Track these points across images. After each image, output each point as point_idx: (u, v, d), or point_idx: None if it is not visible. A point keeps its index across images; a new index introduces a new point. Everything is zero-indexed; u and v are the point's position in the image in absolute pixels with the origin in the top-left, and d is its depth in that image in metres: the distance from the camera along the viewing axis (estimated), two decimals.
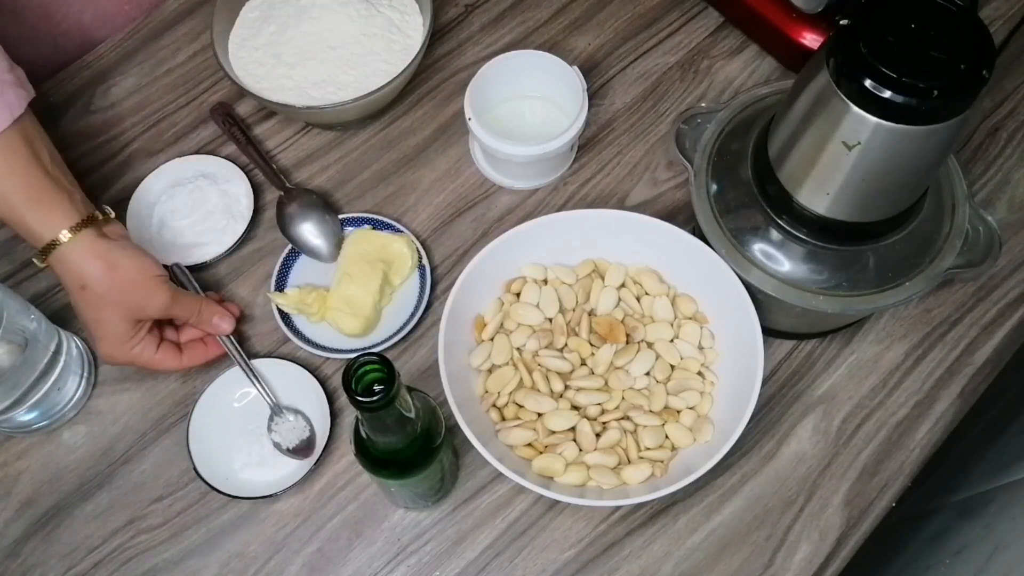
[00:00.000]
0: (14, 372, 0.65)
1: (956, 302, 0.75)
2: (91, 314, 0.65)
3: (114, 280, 0.64)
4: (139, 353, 0.67)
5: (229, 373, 0.71)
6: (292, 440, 0.69)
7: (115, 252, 0.65)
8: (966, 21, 0.53)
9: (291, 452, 0.69)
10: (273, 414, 0.70)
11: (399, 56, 0.80)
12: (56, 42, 0.87)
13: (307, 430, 0.70)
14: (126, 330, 0.66)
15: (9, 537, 0.68)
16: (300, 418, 0.70)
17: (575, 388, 0.67)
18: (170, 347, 0.69)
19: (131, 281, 0.64)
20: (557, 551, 0.67)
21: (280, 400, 0.70)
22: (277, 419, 0.70)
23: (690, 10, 0.89)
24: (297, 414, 0.70)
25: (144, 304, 0.65)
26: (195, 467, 0.67)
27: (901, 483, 0.69)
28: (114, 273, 0.64)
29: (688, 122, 0.70)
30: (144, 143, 0.83)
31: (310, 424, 0.70)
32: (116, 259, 0.64)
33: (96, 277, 0.64)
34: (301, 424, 0.70)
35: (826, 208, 0.60)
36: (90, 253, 0.64)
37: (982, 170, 0.80)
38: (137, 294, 0.65)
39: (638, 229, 0.70)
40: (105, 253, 0.64)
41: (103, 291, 0.64)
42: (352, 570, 0.67)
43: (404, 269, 0.75)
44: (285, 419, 0.70)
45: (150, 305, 0.66)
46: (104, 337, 0.66)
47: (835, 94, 0.54)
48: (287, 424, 0.70)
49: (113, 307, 0.64)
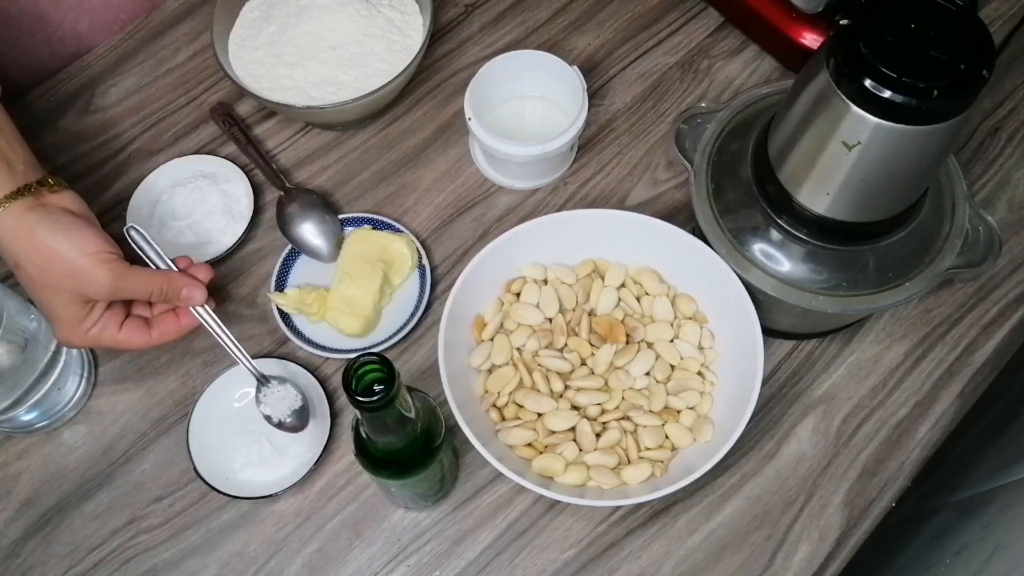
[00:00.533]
0: (14, 372, 0.65)
1: (956, 302, 0.75)
2: (34, 295, 0.59)
3: (44, 261, 0.57)
4: (97, 335, 0.60)
5: (229, 373, 0.71)
6: (284, 411, 0.67)
7: (43, 228, 0.57)
8: (966, 21, 0.53)
9: (284, 426, 0.67)
10: (260, 384, 0.67)
11: (399, 56, 0.80)
12: (51, 48, 0.87)
13: (299, 399, 0.67)
14: (76, 312, 0.59)
15: (9, 537, 0.68)
16: (290, 387, 0.68)
17: (575, 388, 0.67)
18: (137, 323, 0.63)
19: (63, 260, 0.57)
20: (557, 551, 0.67)
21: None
22: (264, 390, 0.67)
23: (690, 10, 0.89)
24: (286, 383, 0.68)
25: (83, 287, 0.58)
26: (195, 467, 0.67)
27: (901, 483, 0.69)
28: (43, 252, 0.57)
29: (688, 122, 0.70)
30: (144, 143, 0.83)
31: (301, 393, 0.68)
32: (43, 236, 0.57)
33: (25, 257, 0.57)
34: (292, 393, 0.67)
35: (826, 208, 0.60)
36: (17, 228, 0.57)
37: (982, 170, 0.80)
38: (73, 276, 0.58)
39: (638, 229, 0.70)
40: (32, 229, 0.57)
41: (36, 273, 0.57)
42: (352, 570, 0.67)
43: (404, 269, 0.75)
44: (273, 389, 0.67)
45: (90, 288, 0.58)
46: (54, 320, 0.60)
47: (835, 94, 0.54)
48: (276, 394, 0.67)
49: (52, 290, 0.58)
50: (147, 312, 0.65)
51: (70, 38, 0.87)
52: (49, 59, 0.87)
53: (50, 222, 0.58)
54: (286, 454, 0.69)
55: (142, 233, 0.65)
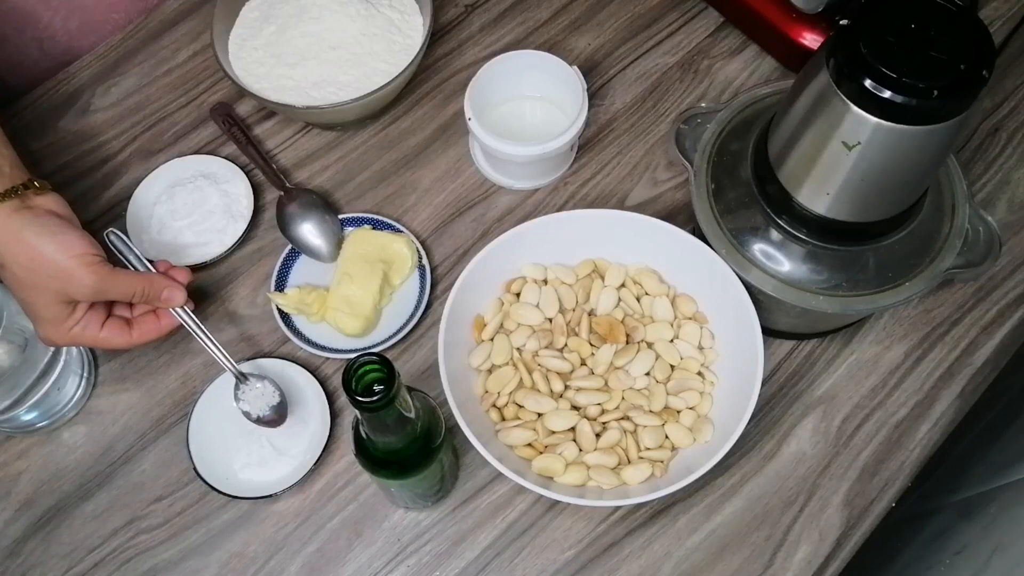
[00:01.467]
0: (14, 372, 0.65)
1: (956, 302, 0.75)
2: (18, 295, 0.60)
3: (30, 262, 0.58)
4: (79, 334, 0.62)
5: (229, 374, 0.70)
6: (262, 407, 0.68)
7: (30, 230, 0.58)
8: (966, 21, 0.53)
9: (262, 421, 0.67)
10: (238, 382, 0.68)
11: (399, 56, 0.80)
12: (42, 46, 0.87)
13: (276, 395, 0.68)
14: (59, 312, 0.60)
15: (9, 537, 0.68)
16: (268, 383, 0.68)
17: (575, 388, 0.67)
18: (118, 323, 0.64)
19: (49, 262, 0.58)
20: (557, 551, 0.67)
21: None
22: (243, 387, 0.68)
23: (690, 10, 0.89)
24: (264, 379, 0.68)
25: (67, 288, 0.59)
26: (195, 467, 0.67)
27: (901, 483, 0.69)
28: (29, 253, 0.58)
29: (688, 122, 0.70)
30: (144, 143, 0.83)
31: (278, 389, 0.68)
32: (30, 238, 0.58)
33: (11, 258, 0.58)
34: (269, 390, 0.68)
35: (826, 208, 0.60)
36: (3, 229, 0.58)
37: (982, 170, 0.80)
38: (58, 278, 0.59)
39: (638, 229, 0.70)
40: (18, 231, 0.58)
41: (21, 273, 0.59)
42: (352, 570, 0.67)
43: (404, 269, 0.75)
44: (251, 386, 0.68)
45: (74, 289, 0.60)
46: (37, 319, 0.61)
47: (835, 94, 0.54)
48: (254, 391, 0.68)
49: (37, 290, 0.59)
50: (127, 313, 0.66)
51: (61, 36, 0.87)
52: (40, 57, 0.87)
53: (36, 224, 0.59)
54: (286, 454, 0.69)
55: (122, 237, 0.67)
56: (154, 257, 0.74)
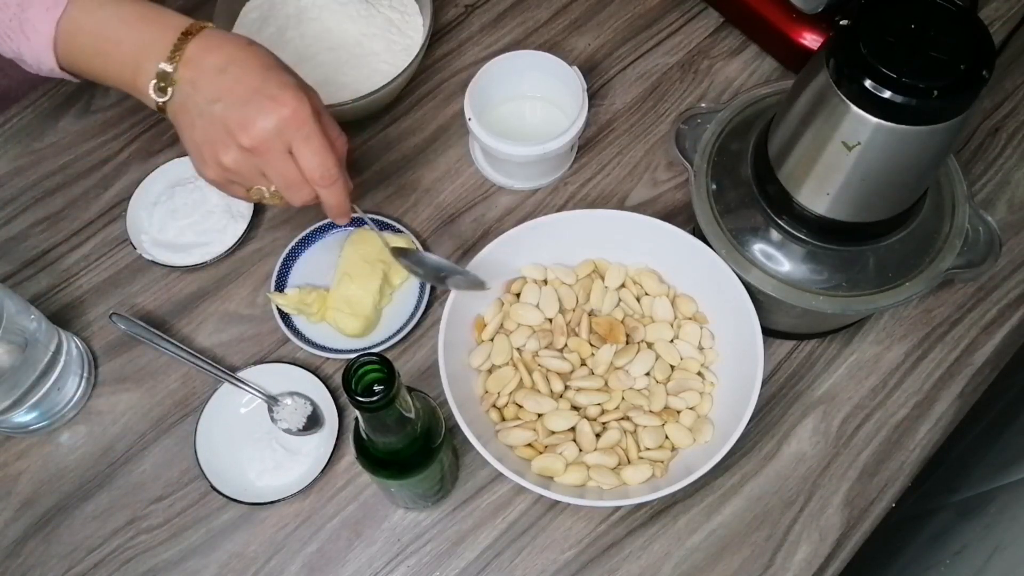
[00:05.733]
0: (14, 372, 0.65)
1: (956, 302, 0.75)
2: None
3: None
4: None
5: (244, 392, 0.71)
6: (299, 420, 0.70)
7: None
8: (966, 21, 0.53)
9: (303, 432, 0.70)
10: (271, 407, 0.70)
11: (399, 56, 0.80)
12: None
13: (308, 405, 0.70)
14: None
15: (9, 537, 0.68)
16: (297, 398, 0.71)
17: (575, 388, 0.67)
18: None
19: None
20: (557, 551, 0.67)
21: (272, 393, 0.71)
22: (276, 408, 0.70)
23: (690, 10, 0.89)
24: (293, 395, 0.71)
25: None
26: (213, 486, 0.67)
27: (901, 483, 0.69)
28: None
29: (688, 122, 0.70)
30: (144, 143, 0.83)
31: (308, 398, 0.71)
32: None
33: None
34: (301, 403, 0.70)
35: (826, 208, 0.60)
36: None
37: (982, 170, 0.80)
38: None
39: (638, 229, 0.70)
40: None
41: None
42: (352, 570, 0.67)
43: (404, 269, 0.75)
44: (283, 404, 0.70)
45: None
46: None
47: (835, 94, 0.54)
48: (287, 408, 0.70)
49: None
50: None
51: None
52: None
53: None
54: (299, 453, 0.70)
55: (128, 319, 0.72)
56: (154, 256, 0.75)
